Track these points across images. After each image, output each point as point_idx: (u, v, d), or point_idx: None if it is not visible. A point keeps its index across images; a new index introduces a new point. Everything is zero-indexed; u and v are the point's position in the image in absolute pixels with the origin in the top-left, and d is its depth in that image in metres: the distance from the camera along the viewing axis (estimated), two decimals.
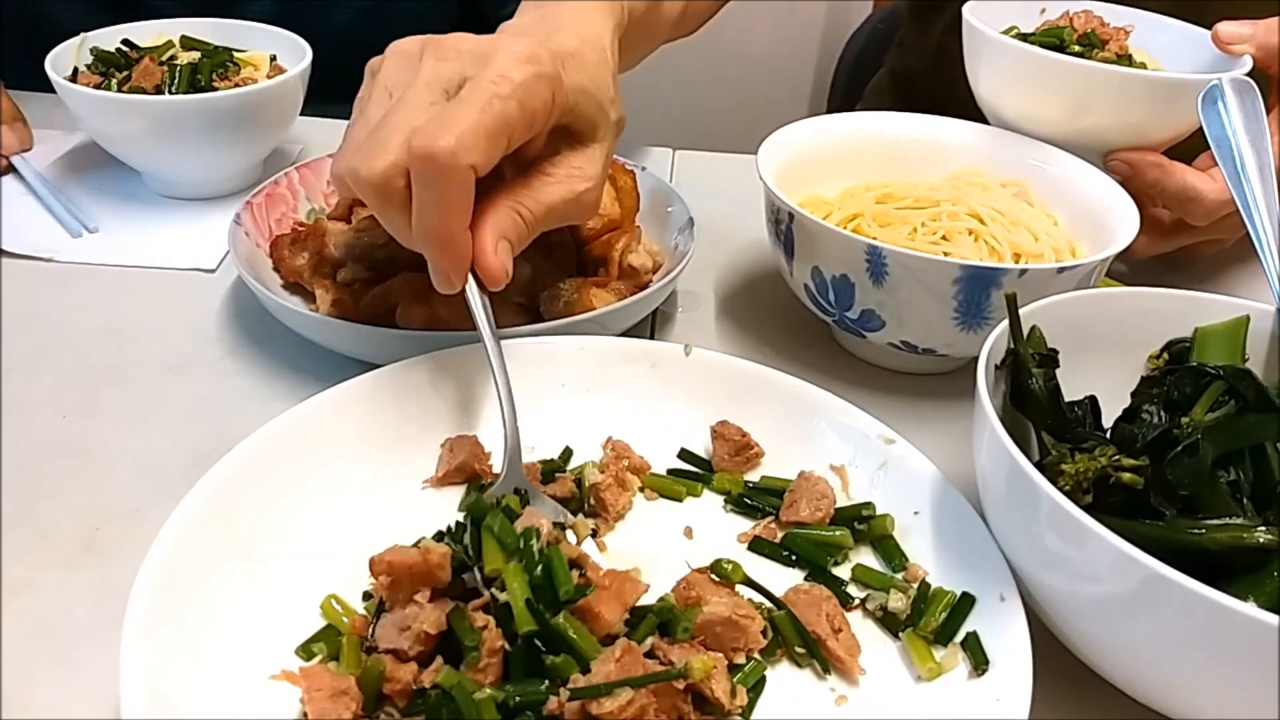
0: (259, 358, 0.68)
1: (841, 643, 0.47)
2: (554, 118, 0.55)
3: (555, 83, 0.54)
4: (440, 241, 0.52)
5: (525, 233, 0.55)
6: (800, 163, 0.74)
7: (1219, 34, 0.74)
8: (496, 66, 0.52)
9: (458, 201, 0.51)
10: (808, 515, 0.53)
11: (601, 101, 0.59)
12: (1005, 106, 0.78)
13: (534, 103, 0.52)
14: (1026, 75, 0.76)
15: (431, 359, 0.59)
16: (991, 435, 0.45)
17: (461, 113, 0.50)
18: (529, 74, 0.52)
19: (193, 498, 0.48)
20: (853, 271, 0.63)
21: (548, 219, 0.57)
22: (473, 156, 0.49)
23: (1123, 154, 0.74)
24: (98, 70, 0.83)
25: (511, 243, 0.55)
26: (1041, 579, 0.45)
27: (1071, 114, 0.74)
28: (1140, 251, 0.78)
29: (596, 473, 0.55)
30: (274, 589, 0.48)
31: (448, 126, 0.49)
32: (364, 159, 0.51)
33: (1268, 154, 0.59)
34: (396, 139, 0.50)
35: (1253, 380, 0.49)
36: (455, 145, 0.48)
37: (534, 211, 0.55)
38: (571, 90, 0.56)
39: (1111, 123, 0.74)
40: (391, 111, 0.52)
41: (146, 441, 0.61)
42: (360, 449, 0.55)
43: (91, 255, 0.78)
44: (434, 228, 0.51)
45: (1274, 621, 0.36)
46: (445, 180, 0.49)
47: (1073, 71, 0.73)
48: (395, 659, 0.44)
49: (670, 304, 0.78)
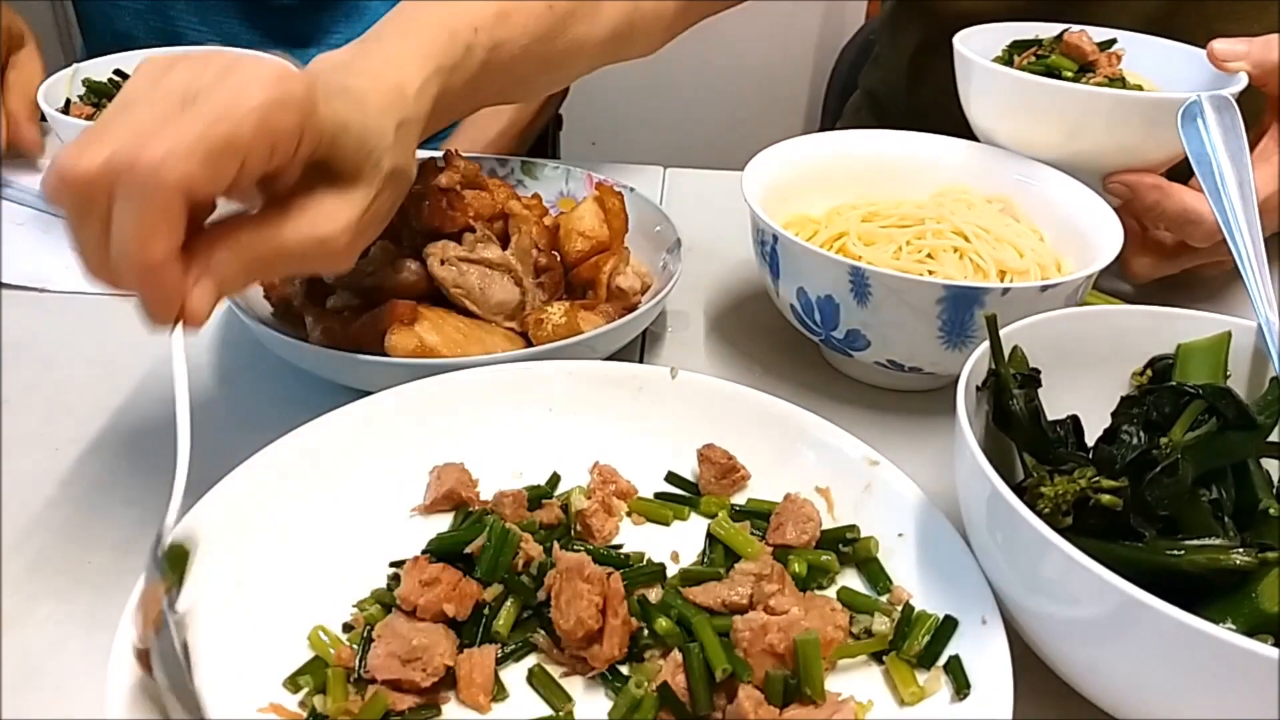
0: (250, 386, 0.69)
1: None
2: (304, 149, 0.50)
3: (304, 111, 0.48)
4: (137, 269, 0.45)
5: (242, 274, 0.49)
6: (786, 182, 0.74)
7: (1214, 51, 0.74)
8: (236, 83, 0.46)
9: (159, 223, 0.44)
10: (794, 538, 0.53)
11: (370, 144, 0.54)
12: (1000, 133, 0.78)
13: (274, 126, 0.46)
14: (1019, 102, 0.75)
15: (419, 386, 0.59)
16: (970, 459, 0.45)
17: (183, 124, 0.44)
18: (271, 96, 0.46)
19: (180, 529, 0.49)
20: (837, 292, 0.63)
21: (279, 262, 0.51)
22: (182, 170, 0.43)
23: (1121, 176, 0.74)
24: (90, 101, 0.84)
25: (220, 282, 0.48)
26: (1023, 601, 0.45)
27: (1067, 138, 0.74)
28: (1143, 275, 0.78)
29: (583, 499, 0.55)
30: (262, 619, 0.48)
31: (162, 137, 0.43)
32: (70, 159, 0.44)
33: (1248, 170, 0.59)
34: (109, 144, 0.44)
35: (1232, 398, 0.50)
36: (164, 156, 0.43)
37: (259, 252, 0.50)
38: (329, 123, 0.51)
39: (1107, 145, 0.74)
40: (114, 114, 0.46)
41: (137, 473, 0.61)
42: (348, 478, 0.56)
43: (84, 284, 0.78)
44: (130, 251, 0.44)
45: (1249, 645, 0.36)
46: (147, 195, 0.43)
47: (1065, 96, 0.73)
48: (396, 690, 0.44)
49: (659, 324, 0.78)
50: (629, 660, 0.48)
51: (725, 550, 0.53)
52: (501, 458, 0.59)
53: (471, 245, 0.69)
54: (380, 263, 0.68)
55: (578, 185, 0.85)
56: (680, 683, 0.44)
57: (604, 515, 0.55)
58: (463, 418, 0.60)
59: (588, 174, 0.85)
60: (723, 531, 0.53)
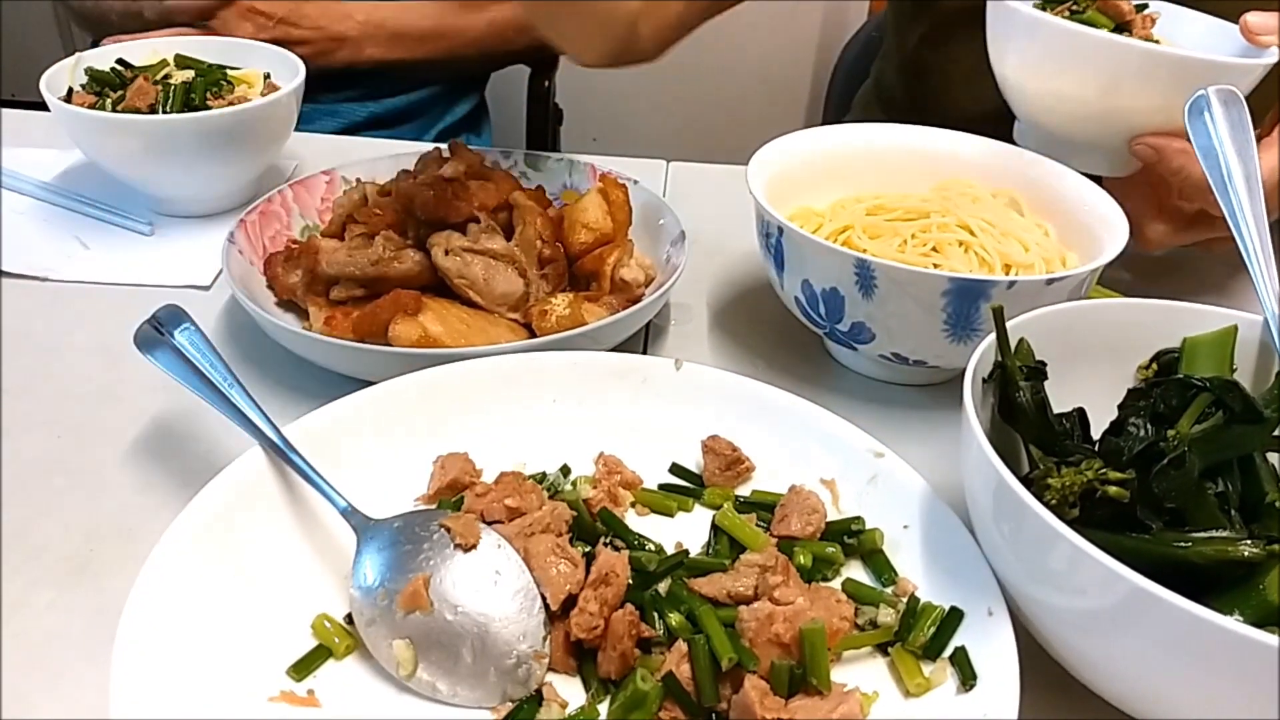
0: (253, 375, 0.68)
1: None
2: None
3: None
4: None
5: None
6: (791, 175, 0.74)
7: (1248, 24, 0.73)
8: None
9: None
10: (799, 529, 0.53)
11: None
12: (1032, 85, 0.77)
13: None
14: (1057, 51, 0.74)
15: (421, 376, 0.59)
16: (978, 451, 0.45)
17: None
18: None
19: (184, 518, 0.49)
20: (842, 285, 0.63)
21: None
22: None
23: (1149, 139, 0.72)
24: (92, 90, 0.84)
25: None
26: (1029, 592, 0.45)
27: (1100, 94, 0.73)
28: (1157, 242, 0.77)
29: (589, 488, 0.55)
30: (265, 608, 0.48)
31: None
32: None
33: (1254, 163, 0.59)
34: None
35: (1239, 391, 0.50)
36: None
37: None
38: None
39: (1140, 105, 0.72)
40: None
41: (140, 461, 0.61)
42: (351, 467, 0.55)
43: (86, 274, 0.78)
44: None
45: (1256, 636, 0.36)
46: None
47: (1104, 48, 0.71)
48: None
49: (663, 317, 0.78)
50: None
51: (730, 541, 0.53)
52: (505, 448, 0.59)
53: (476, 236, 0.69)
54: (384, 253, 0.68)
55: (581, 178, 0.85)
56: (685, 673, 0.44)
57: (610, 505, 0.55)
58: (466, 408, 0.60)
59: (591, 166, 0.84)
60: (728, 523, 0.53)
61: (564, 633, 0.46)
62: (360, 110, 1.30)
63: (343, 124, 1.29)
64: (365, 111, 1.31)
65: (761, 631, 0.45)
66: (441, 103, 1.39)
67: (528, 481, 0.54)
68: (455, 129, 1.41)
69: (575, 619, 0.45)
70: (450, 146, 0.73)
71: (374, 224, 0.71)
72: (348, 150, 1.00)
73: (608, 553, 0.48)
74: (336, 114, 1.29)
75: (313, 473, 0.51)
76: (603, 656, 0.45)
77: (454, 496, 0.55)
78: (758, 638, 0.45)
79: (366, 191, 0.75)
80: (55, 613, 0.51)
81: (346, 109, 1.30)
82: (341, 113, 1.29)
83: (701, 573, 0.50)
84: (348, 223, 0.75)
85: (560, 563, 0.47)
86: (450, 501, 0.54)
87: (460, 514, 0.50)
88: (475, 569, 0.48)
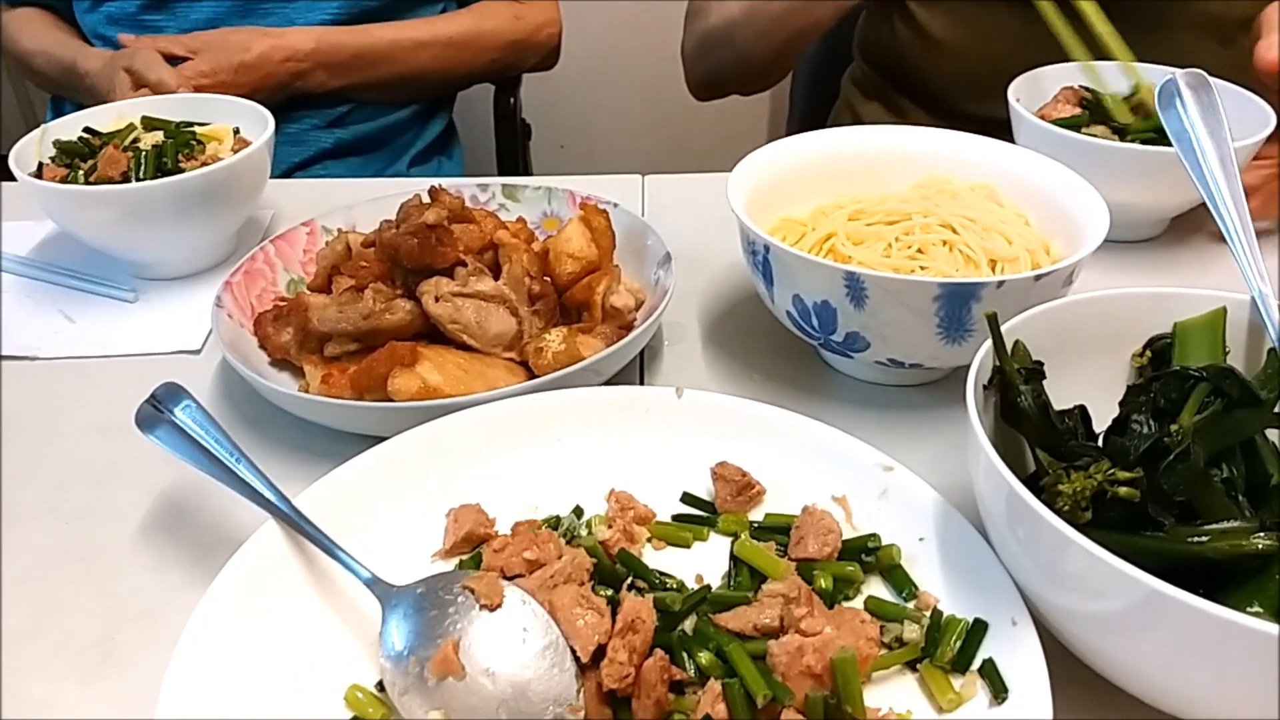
0: (255, 437, 0.68)
1: None
2: None
3: None
4: None
5: None
6: (769, 187, 0.74)
7: (1261, 58, 0.74)
8: None
9: None
10: (816, 551, 0.54)
11: None
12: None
13: None
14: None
15: (425, 430, 0.59)
16: (987, 462, 0.45)
17: None
18: None
19: (208, 602, 0.49)
20: (833, 297, 0.63)
21: None
22: None
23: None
24: (62, 162, 0.83)
25: None
26: (1049, 598, 0.46)
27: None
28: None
29: (604, 528, 0.56)
30: (297, 683, 0.48)
31: None
32: None
33: (1227, 145, 0.60)
34: None
35: (1235, 377, 0.50)
36: None
37: None
38: None
39: None
40: None
41: (151, 539, 0.61)
42: (366, 530, 0.55)
43: (75, 349, 0.78)
44: None
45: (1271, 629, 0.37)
46: None
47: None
48: None
49: (656, 339, 0.78)
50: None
51: (750, 571, 0.53)
52: (516, 493, 0.59)
53: (464, 279, 0.69)
54: (375, 305, 0.68)
55: (561, 205, 0.85)
56: (721, 713, 0.45)
57: (626, 544, 0.55)
58: (473, 458, 0.60)
59: (570, 192, 0.84)
60: (747, 553, 0.53)
61: (596, 683, 0.46)
62: (327, 138, 1.30)
63: (310, 152, 1.28)
64: (332, 139, 1.30)
65: (793, 665, 0.45)
66: (411, 128, 1.38)
67: (543, 530, 0.54)
68: (426, 153, 1.41)
69: (606, 670, 0.45)
70: (430, 192, 0.72)
71: (361, 276, 0.71)
72: (324, 193, 0.99)
73: (632, 598, 0.48)
74: (304, 142, 1.28)
75: (331, 544, 0.51)
76: (637, 705, 0.45)
77: (470, 551, 0.55)
78: (789, 671, 0.45)
79: (349, 241, 0.75)
80: (86, 708, 0.51)
81: (313, 137, 1.29)
82: (308, 141, 1.29)
83: (725, 607, 0.51)
84: (333, 274, 0.75)
85: (587, 614, 0.47)
86: (469, 560, 0.54)
87: (481, 573, 0.50)
88: (502, 628, 0.48)
